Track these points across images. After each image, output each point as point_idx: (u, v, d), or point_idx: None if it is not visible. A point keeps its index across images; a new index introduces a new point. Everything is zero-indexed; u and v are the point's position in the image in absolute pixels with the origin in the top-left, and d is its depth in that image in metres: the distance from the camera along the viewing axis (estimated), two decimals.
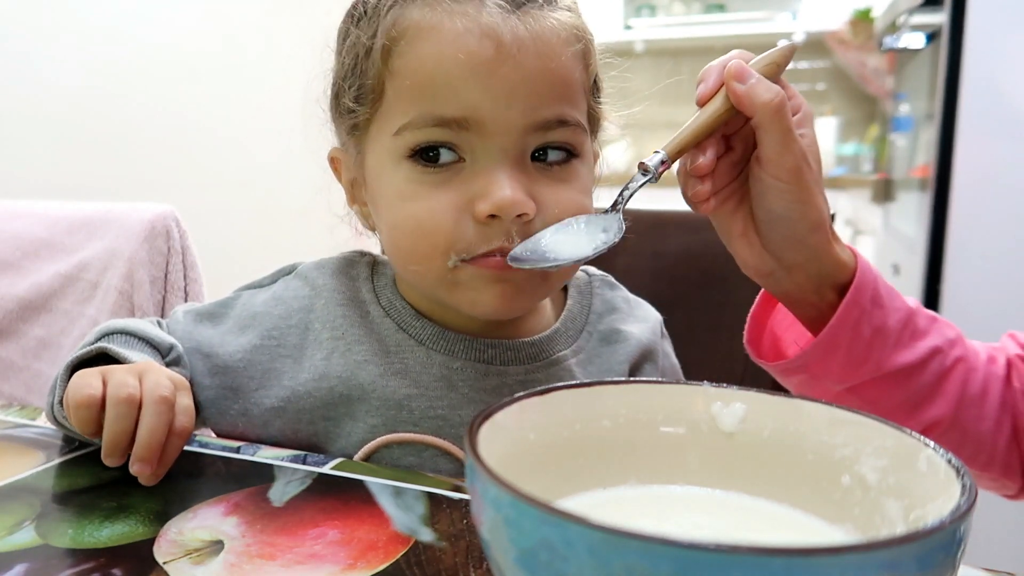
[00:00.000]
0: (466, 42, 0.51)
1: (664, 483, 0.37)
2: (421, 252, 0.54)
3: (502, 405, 0.34)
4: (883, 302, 0.55)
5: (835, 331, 0.53)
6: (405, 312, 0.61)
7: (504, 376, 0.60)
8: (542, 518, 0.24)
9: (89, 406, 0.49)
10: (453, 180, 0.53)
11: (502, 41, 0.51)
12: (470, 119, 0.52)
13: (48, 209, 1.05)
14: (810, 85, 3.51)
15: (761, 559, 0.22)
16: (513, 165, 0.53)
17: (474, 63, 0.51)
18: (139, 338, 0.59)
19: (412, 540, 0.43)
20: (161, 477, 0.50)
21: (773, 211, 0.52)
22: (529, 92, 0.52)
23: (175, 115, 1.80)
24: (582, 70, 0.56)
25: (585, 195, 0.57)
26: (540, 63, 0.52)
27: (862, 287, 0.54)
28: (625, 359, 0.64)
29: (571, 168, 0.56)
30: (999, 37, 1.63)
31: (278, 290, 0.64)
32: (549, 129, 0.54)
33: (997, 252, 1.65)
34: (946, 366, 0.57)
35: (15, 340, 1.00)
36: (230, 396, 0.61)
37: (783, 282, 0.55)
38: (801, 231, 0.52)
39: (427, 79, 0.52)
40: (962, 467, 0.29)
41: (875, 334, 0.54)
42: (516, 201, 0.51)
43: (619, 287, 0.70)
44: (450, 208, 0.53)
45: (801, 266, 0.53)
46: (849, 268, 0.54)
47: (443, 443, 0.58)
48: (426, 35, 0.52)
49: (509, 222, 0.52)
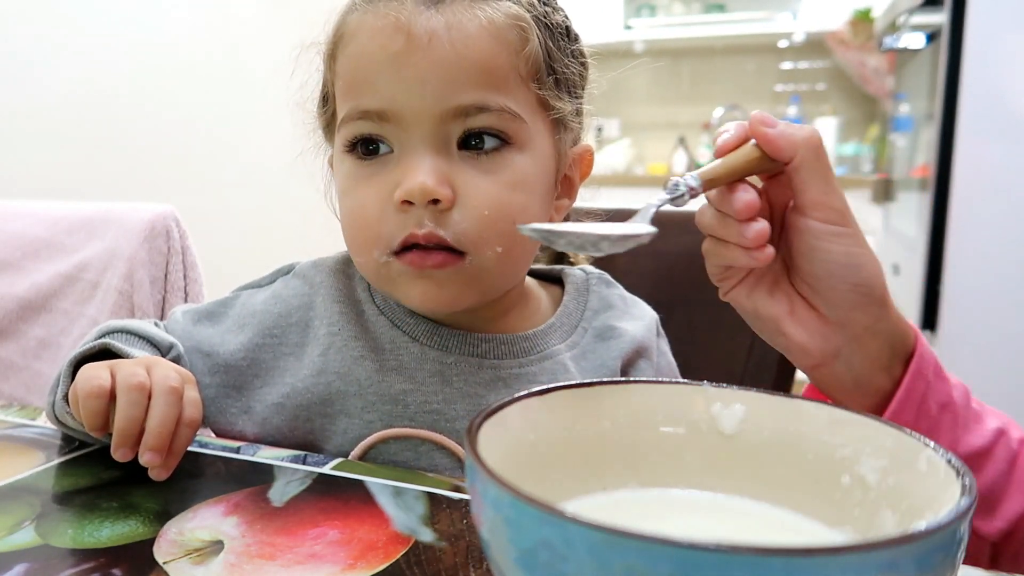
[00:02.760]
0: (381, 37, 0.54)
1: (664, 486, 0.37)
2: (359, 245, 0.57)
3: (502, 405, 0.34)
4: (944, 374, 0.48)
5: (902, 406, 0.46)
6: (398, 309, 0.62)
7: (498, 370, 0.60)
8: (542, 518, 0.24)
9: (99, 396, 0.49)
10: (382, 171, 0.55)
11: (412, 33, 0.53)
12: (387, 110, 0.54)
13: (48, 209, 1.05)
14: (810, 85, 3.51)
15: (761, 559, 0.22)
16: (435, 153, 0.54)
17: (387, 56, 0.53)
18: (140, 337, 0.60)
19: (412, 540, 0.43)
20: (172, 469, 0.50)
21: (830, 261, 0.45)
22: (441, 80, 0.53)
23: (175, 115, 1.80)
24: (514, 57, 0.55)
25: (513, 189, 0.55)
26: (453, 51, 0.53)
27: (925, 355, 0.47)
28: (619, 355, 0.64)
29: (502, 157, 0.55)
30: (999, 37, 1.63)
31: (277, 289, 0.64)
32: (469, 115, 0.54)
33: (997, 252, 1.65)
34: (1013, 450, 0.49)
35: (15, 340, 1.00)
36: (232, 394, 0.61)
37: (852, 360, 0.47)
38: (866, 281, 0.45)
39: (352, 76, 0.56)
40: (962, 467, 0.29)
41: (942, 411, 0.47)
42: (425, 187, 0.52)
43: (616, 285, 0.70)
44: (376, 199, 0.55)
45: (872, 331, 0.46)
46: (912, 333, 0.48)
47: (439, 438, 0.58)
48: (352, 36, 0.56)
49: (422, 208, 0.53)
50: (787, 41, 3.43)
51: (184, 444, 0.51)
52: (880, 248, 2.62)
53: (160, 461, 0.49)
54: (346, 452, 0.58)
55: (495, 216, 0.54)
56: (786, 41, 3.43)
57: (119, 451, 0.49)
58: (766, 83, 3.54)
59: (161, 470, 0.50)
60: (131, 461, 0.50)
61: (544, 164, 0.58)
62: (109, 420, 0.50)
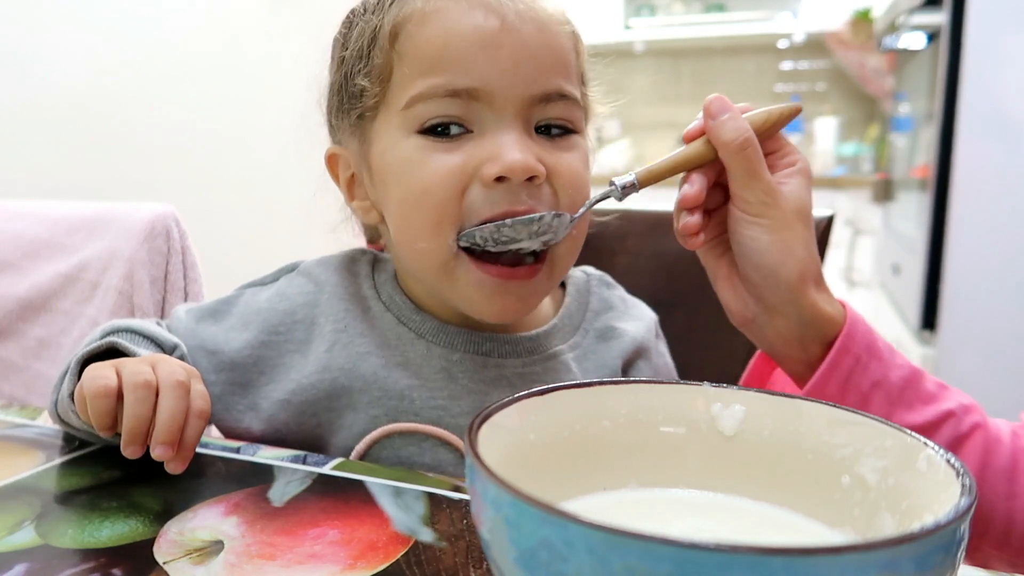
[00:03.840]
0: (473, 18, 0.54)
1: (664, 486, 0.37)
2: (429, 225, 0.55)
3: (502, 405, 0.34)
4: (881, 354, 0.52)
5: (824, 380, 0.51)
6: (405, 307, 0.62)
7: (502, 368, 0.61)
8: (542, 518, 0.24)
9: (107, 395, 0.49)
10: (462, 147, 0.55)
11: (506, 16, 0.54)
12: (480, 89, 0.54)
13: (48, 209, 1.05)
14: (810, 85, 3.51)
15: (761, 559, 0.22)
16: (521, 133, 0.55)
17: (481, 36, 0.54)
18: (144, 336, 0.60)
19: (412, 540, 0.43)
20: (187, 463, 0.50)
21: (740, 244, 0.51)
22: (533, 64, 0.54)
23: (175, 115, 1.80)
24: (574, 52, 0.59)
25: (586, 167, 0.58)
26: (541, 37, 0.55)
27: (853, 335, 0.51)
28: (619, 355, 0.65)
29: (572, 141, 0.58)
30: (999, 37, 1.63)
31: (281, 287, 0.64)
32: (550, 102, 0.56)
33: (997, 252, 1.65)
34: (962, 432, 0.53)
35: (15, 340, 1.00)
36: (238, 392, 0.62)
37: (766, 330, 0.53)
38: (780, 271, 0.50)
39: (437, 54, 0.55)
40: (962, 467, 0.29)
41: (874, 388, 0.51)
42: (527, 162, 0.53)
43: (616, 286, 0.71)
44: (457, 172, 0.54)
45: (782, 312, 0.51)
46: (837, 322, 0.52)
47: (444, 433, 0.58)
48: (432, 17, 0.55)
49: (518, 185, 0.54)
50: (787, 41, 3.43)
51: (195, 435, 0.50)
52: (880, 248, 2.62)
53: (172, 454, 0.49)
54: (352, 447, 0.59)
55: (578, 192, 0.56)
56: (786, 41, 3.43)
57: (129, 448, 0.49)
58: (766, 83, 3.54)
59: (177, 462, 0.49)
60: (133, 460, 0.50)
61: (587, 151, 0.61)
62: (117, 419, 0.49)
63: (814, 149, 3.33)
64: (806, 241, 0.51)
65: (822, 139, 3.33)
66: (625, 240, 0.78)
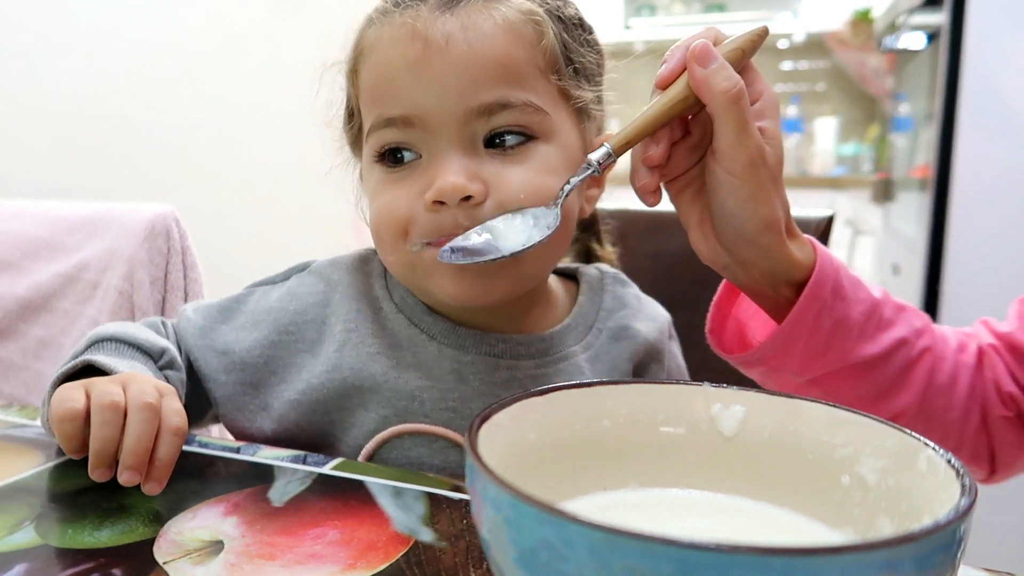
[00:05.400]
0: (399, 46, 0.55)
1: (664, 486, 0.37)
2: (389, 241, 0.57)
3: (502, 405, 0.34)
4: (845, 294, 0.54)
5: (793, 325, 0.53)
6: (416, 308, 0.62)
7: (514, 370, 0.60)
8: (542, 518, 0.24)
9: (73, 419, 0.48)
10: (412, 175, 0.56)
11: (429, 38, 0.53)
12: (412, 116, 0.54)
13: (48, 209, 1.05)
14: (810, 85, 3.51)
15: (761, 559, 0.22)
16: (463, 153, 0.54)
17: (407, 62, 0.54)
18: (129, 344, 0.59)
19: (412, 540, 0.43)
20: (165, 481, 0.49)
21: (724, 207, 0.51)
22: (461, 80, 0.53)
23: (175, 115, 1.80)
24: (531, 51, 0.56)
25: (546, 174, 0.55)
26: (471, 51, 0.53)
27: (821, 281, 0.53)
28: (630, 355, 0.64)
29: (528, 150, 0.55)
30: (999, 37, 1.63)
31: (292, 286, 0.64)
32: (493, 113, 0.54)
33: (997, 252, 1.65)
34: (912, 357, 0.57)
35: (15, 340, 1.00)
36: (249, 391, 0.61)
37: (739, 276, 0.54)
38: (751, 229, 0.51)
39: (374, 86, 0.57)
40: (962, 467, 0.29)
41: (836, 326, 0.54)
42: (456, 185, 0.52)
43: (630, 284, 0.70)
44: (406, 199, 0.55)
45: (754, 263, 0.53)
46: (805, 266, 0.53)
47: (453, 435, 0.58)
48: (372, 49, 0.57)
49: (455, 207, 0.53)
50: (787, 41, 3.43)
51: (170, 453, 0.49)
52: (880, 248, 2.62)
53: (138, 480, 0.48)
54: (362, 447, 0.59)
55: (531, 199, 0.54)
56: (786, 41, 3.43)
57: (95, 472, 0.48)
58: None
59: (153, 484, 0.48)
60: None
61: (571, 152, 0.58)
62: (86, 442, 0.48)
63: (814, 149, 3.33)
64: (778, 184, 0.52)
65: (822, 139, 3.33)
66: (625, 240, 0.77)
